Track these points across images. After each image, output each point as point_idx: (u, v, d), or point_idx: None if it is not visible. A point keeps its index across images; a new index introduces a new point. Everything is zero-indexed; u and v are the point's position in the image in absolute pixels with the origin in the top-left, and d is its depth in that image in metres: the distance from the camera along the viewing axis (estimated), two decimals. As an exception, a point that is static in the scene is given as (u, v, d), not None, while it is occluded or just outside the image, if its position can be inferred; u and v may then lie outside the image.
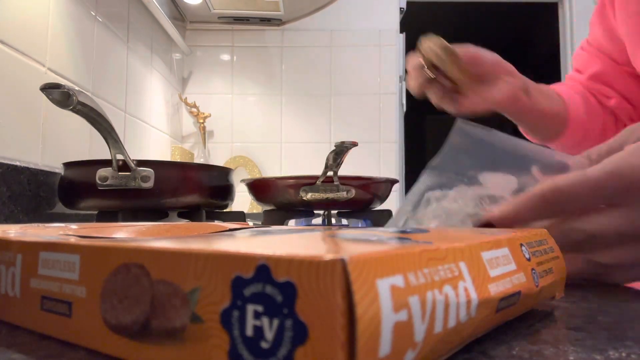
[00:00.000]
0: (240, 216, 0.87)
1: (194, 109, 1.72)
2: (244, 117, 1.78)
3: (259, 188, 0.82)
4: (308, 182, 0.76)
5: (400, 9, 1.82)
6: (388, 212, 0.88)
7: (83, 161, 0.72)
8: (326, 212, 0.93)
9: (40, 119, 0.83)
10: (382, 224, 0.86)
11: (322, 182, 0.75)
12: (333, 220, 0.94)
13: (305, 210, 0.85)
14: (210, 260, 0.14)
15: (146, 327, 0.16)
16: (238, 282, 0.14)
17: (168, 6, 1.48)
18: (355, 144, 0.69)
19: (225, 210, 0.89)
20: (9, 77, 0.75)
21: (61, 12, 0.91)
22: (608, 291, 0.31)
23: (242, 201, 1.63)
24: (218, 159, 1.74)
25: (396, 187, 1.79)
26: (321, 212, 0.94)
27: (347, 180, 0.77)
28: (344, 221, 1.04)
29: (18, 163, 0.75)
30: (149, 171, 0.69)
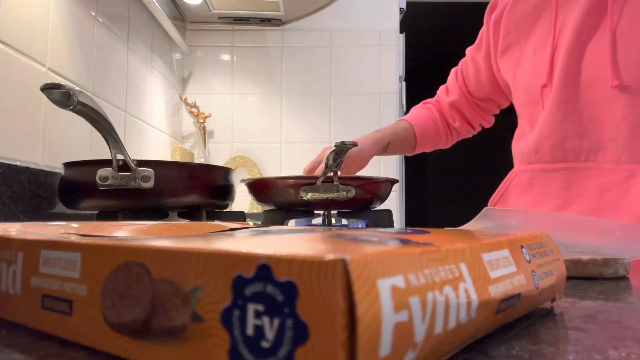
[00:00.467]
0: (240, 216, 0.87)
1: (194, 109, 1.72)
2: (244, 117, 1.78)
3: (259, 188, 0.82)
4: (308, 182, 0.76)
5: (400, 9, 1.82)
6: (388, 212, 0.88)
7: (83, 161, 0.72)
8: (326, 212, 0.93)
9: (40, 119, 0.83)
10: (382, 224, 0.86)
11: (322, 182, 0.75)
12: (333, 220, 0.94)
13: (305, 210, 0.85)
14: (211, 259, 0.14)
15: (147, 326, 0.16)
16: (239, 282, 0.14)
17: (168, 6, 1.48)
18: (355, 144, 0.69)
19: (225, 210, 0.89)
20: (9, 77, 0.75)
21: (61, 12, 0.91)
22: (608, 291, 0.31)
23: (242, 201, 1.64)
24: (218, 159, 1.74)
25: (396, 187, 1.79)
26: (321, 212, 0.94)
27: (347, 180, 0.77)
28: (344, 221, 1.04)
29: (18, 163, 0.75)
30: (149, 171, 0.69)
